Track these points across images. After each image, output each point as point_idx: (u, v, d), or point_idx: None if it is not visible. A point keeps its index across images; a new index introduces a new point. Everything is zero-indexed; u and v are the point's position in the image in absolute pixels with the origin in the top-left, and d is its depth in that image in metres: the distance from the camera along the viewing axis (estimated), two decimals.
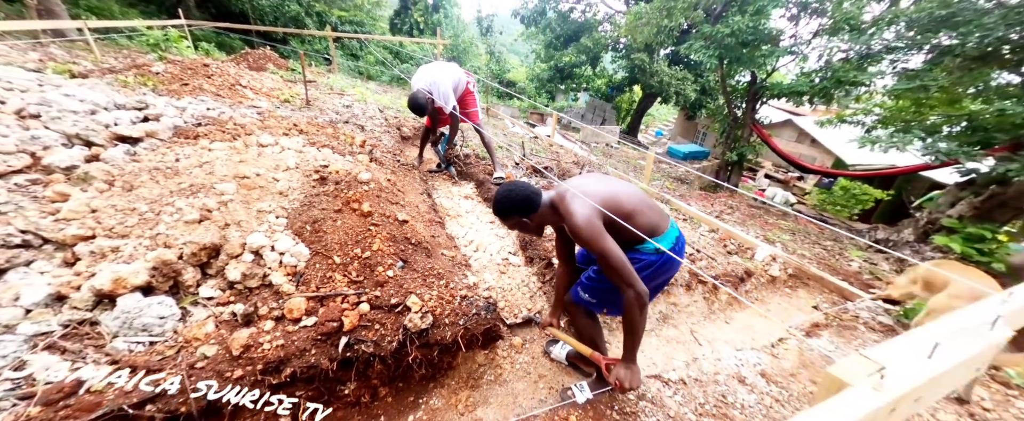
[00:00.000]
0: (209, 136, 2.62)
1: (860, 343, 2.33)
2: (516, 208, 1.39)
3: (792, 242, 4.03)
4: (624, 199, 1.34)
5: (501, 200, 1.41)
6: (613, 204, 1.31)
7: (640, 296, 1.22)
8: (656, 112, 25.45)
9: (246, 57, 6.99)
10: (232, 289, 1.55)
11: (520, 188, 1.40)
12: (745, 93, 8.32)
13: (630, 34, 9.23)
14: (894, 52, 5.64)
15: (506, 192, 1.40)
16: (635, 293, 1.22)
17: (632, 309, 1.25)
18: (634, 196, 1.39)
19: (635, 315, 1.26)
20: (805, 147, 13.65)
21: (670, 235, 1.41)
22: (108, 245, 1.52)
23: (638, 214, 1.35)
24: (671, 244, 1.40)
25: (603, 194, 1.33)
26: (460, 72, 3.34)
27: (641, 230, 1.33)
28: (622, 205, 1.32)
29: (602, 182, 1.43)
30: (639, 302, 1.23)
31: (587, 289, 1.56)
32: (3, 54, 4.23)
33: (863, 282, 3.19)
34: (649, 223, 1.36)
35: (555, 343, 1.96)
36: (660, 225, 1.39)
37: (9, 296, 1.29)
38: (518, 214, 1.40)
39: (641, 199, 1.40)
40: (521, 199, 1.38)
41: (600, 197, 1.31)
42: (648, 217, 1.37)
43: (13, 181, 1.79)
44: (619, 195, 1.35)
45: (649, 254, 1.39)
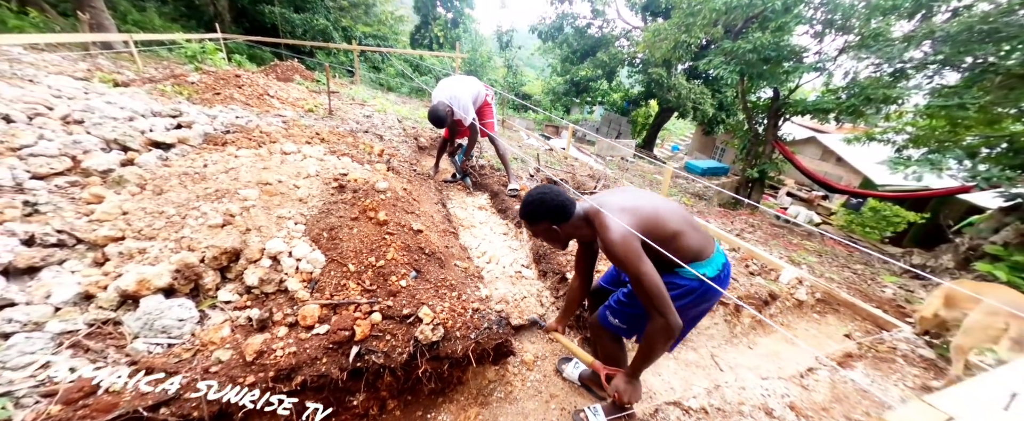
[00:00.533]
0: (236, 143, 2.72)
1: (899, 378, 2.17)
2: (548, 214, 1.28)
3: (819, 264, 3.85)
4: (668, 218, 1.23)
5: (533, 203, 1.29)
6: (655, 223, 1.20)
7: (670, 328, 1.12)
8: (672, 126, 25.20)
9: (275, 68, 7.32)
10: (249, 294, 1.57)
11: (554, 193, 1.29)
12: (767, 109, 8.16)
13: (648, 49, 9.25)
14: (926, 68, 5.43)
15: (539, 196, 1.29)
16: (666, 324, 1.12)
17: (656, 337, 1.16)
18: (677, 215, 1.27)
19: (657, 344, 1.17)
20: (830, 165, 13.20)
21: (715, 262, 1.28)
22: (136, 246, 1.57)
23: (682, 236, 1.22)
24: (715, 272, 1.26)
25: (645, 212, 1.21)
26: (479, 85, 3.39)
27: (684, 254, 1.21)
28: (666, 224, 1.21)
29: (643, 197, 1.31)
30: (667, 334, 1.14)
31: (617, 313, 1.43)
32: (56, 64, 4.54)
33: (899, 310, 3.00)
34: (693, 246, 1.24)
35: (568, 361, 1.90)
36: (705, 249, 1.26)
37: (41, 294, 1.34)
38: (549, 221, 1.30)
39: (685, 219, 1.28)
40: (555, 205, 1.27)
41: (642, 214, 1.20)
42: (692, 239, 1.25)
43: (54, 183, 1.88)
44: (662, 213, 1.23)
45: (689, 280, 1.25)
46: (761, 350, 2.42)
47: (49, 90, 2.87)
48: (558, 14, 14.60)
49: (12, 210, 1.60)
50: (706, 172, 14.85)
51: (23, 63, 4.04)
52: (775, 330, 2.55)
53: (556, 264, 2.50)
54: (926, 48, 5.28)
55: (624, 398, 1.30)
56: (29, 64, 4.09)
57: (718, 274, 1.27)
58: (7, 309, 1.26)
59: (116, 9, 8.77)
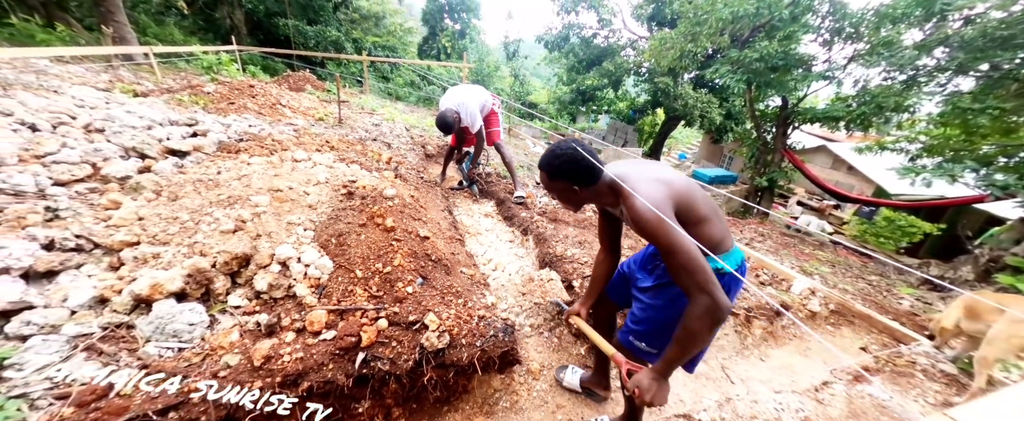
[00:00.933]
0: (249, 151, 2.78)
1: (920, 393, 2.09)
2: (573, 174, 1.14)
3: (832, 275, 3.76)
4: (699, 201, 1.11)
5: (561, 158, 1.13)
6: (689, 202, 1.08)
7: (718, 308, 0.92)
8: (679, 135, 25.14)
9: (287, 79, 7.51)
10: (258, 299, 1.59)
11: (585, 153, 1.12)
12: (775, 118, 8.10)
13: (654, 59, 9.28)
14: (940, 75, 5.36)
15: (569, 151, 1.13)
16: (712, 303, 0.92)
17: (700, 322, 0.95)
18: (707, 200, 1.15)
19: (702, 329, 0.96)
20: (841, 174, 13.00)
21: (736, 255, 1.18)
22: (150, 251, 1.61)
23: (709, 223, 1.11)
24: (736, 265, 1.16)
25: (679, 187, 1.08)
26: (486, 94, 3.44)
27: (710, 242, 1.09)
28: (698, 207, 1.09)
29: (674, 173, 1.18)
30: (713, 316, 0.94)
31: (642, 335, 1.25)
32: (79, 75, 4.72)
33: (917, 323, 2.91)
34: (717, 236, 1.12)
35: (565, 368, 1.87)
36: (726, 240, 1.16)
37: (59, 297, 1.37)
38: (568, 180, 1.15)
39: (712, 206, 1.16)
40: (583, 167, 1.12)
41: (677, 189, 1.08)
42: (718, 229, 1.13)
43: (74, 189, 1.94)
44: (695, 194, 1.11)
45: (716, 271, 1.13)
46: (773, 362, 2.36)
47: (73, 100, 2.98)
48: (564, 24, 14.78)
49: (34, 215, 1.65)
50: (714, 180, 14.73)
51: (49, 75, 4.20)
52: (788, 342, 2.49)
53: (563, 272, 2.48)
54: (939, 55, 5.22)
55: (647, 397, 1.06)
56: (54, 75, 4.25)
57: (738, 268, 1.17)
58: (26, 312, 1.29)
59: (137, 23, 9.12)
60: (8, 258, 1.40)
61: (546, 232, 2.94)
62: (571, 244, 2.75)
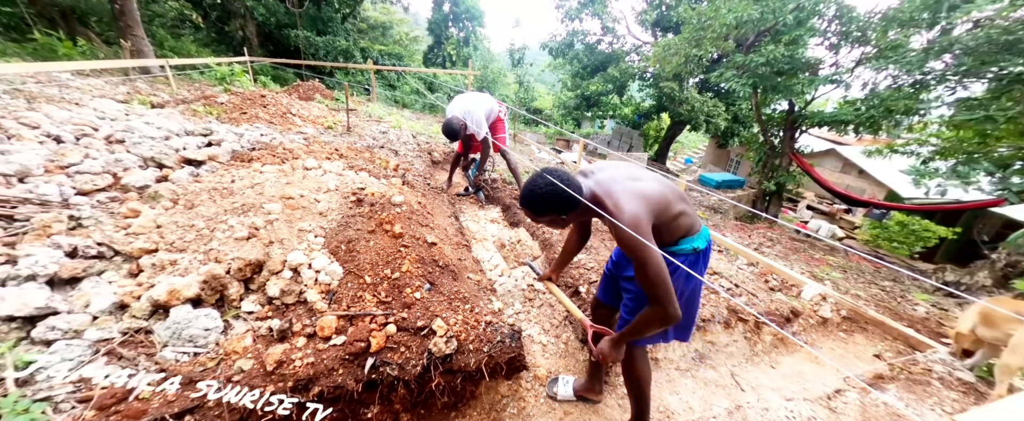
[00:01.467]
0: (261, 159, 2.85)
1: (936, 402, 2.05)
2: (556, 205, 1.21)
3: (844, 280, 3.71)
4: (672, 199, 1.25)
5: (540, 197, 1.20)
6: (664, 207, 1.22)
7: (668, 317, 1.14)
8: (685, 139, 25.04)
9: (297, 88, 7.67)
10: (271, 304, 1.62)
11: (561, 185, 1.19)
12: (782, 122, 8.04)
13: (658, 64, 9.31)
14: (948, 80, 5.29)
15: (547, 189, 1.19)
16: (665, 313, 1.14)
17: (651, 322, 1.18)
18: (677, 194, 1.30)
19: (650, 327, 1.20)
20: (852, 178, 12.81)
21: (705, 234, 1.35)
22: (168, 258, 1.65)
23: (683, 214, 1.28)
24: (705, 242, 1.33)
25: (655, 198, 1.21)
26: (492, 101, 3.49)
27: (684, 230, 1.28)
28: (671, 206, 1.24)
29: (645, 180, 1.29)
30: (662, 322, 1.17)
31: (631, 310, 1.42)
32: (99, 88, 4.89)
33: (932, 330, 2.85)
34: (689, 222, 1.30)
35: (556, 382, 1.86)
36: (696, 223, 1.33)
37: (81, 303, 1.42)
38: (556, 212, 1.23)
39: (681, 196, 1.32)
40: (561, 201, 1.19)
41: (652, 200, 1.20)
42: (689, 217, 1.30)
43: (96, 198, 2.01)
44: (668, 195, 1.26)
45: (687, 254, 1.30)
46: (785, 369, 2.33)
47: (94, 112, 3.09)
48: (569, 31, 14.91)
49: (59, 224, 1.72)
50: (721, 185, 14.60)
51: (71, 87, 4.36)
52: (799, 349, 2.45)
53: (570, 278, 2.49)
54: (947, 59, 5.16)
55: (608, 359, 1.34)
56: (76, 88, 4.41)
57: (707, 245, 1.34)
58: (51, 317, 1.34)
59: (154, 37, 9.42)
60: (35, 265, 1.45)
61: (552, 237, 2.95)
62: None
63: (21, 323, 1.31)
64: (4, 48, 6.64)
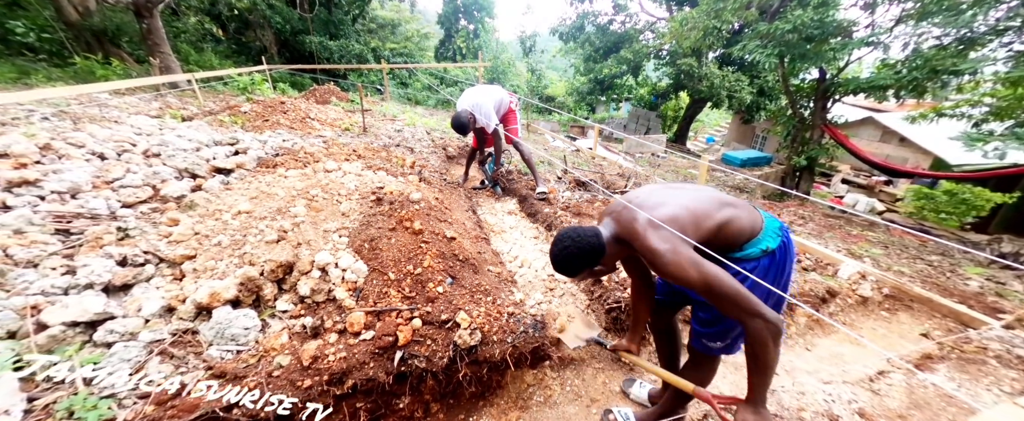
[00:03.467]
0: (285, 165, 2.96)
1: (993, 381, 1.91)
2: (583, 261, 1.14)
3: (885, 257, 3.50)
4: (708, 209, 1.10)
5: (564, 259, 1.15)
6: (699, 219, 1.08)
7: (772, 326, 0.94)
8: (705, 118, 24.04)
9: (314, 93, 7.87)
10: (303, 303, 1.70)
11: (577, 238, 1.13)
12: (812, 91, 7.57)
13: (675, 40, 8.92)
14: (1004, 33, 4.79)
15: (564, 249, 1.14)
16: (764, 324, 0.94)
17: (764, 343, 0.95)
18: (714, 201, 1.14)
19: (769, 349, 0.95)
20: (892, 147, 11.96)
21: (770, 229, 1.14)
22: (207, 263, 1.76)
23: (730, 222, 1.10)
24: (777, 239, 1.12)
25: (683, 213, 1.07)
26: (503, 93, 3.46)
27: (739, 238, 1.11)
28: (709, 218, 1.09)
29: (671, 194, 1.17)
30: (772, 333, 0.94)
31: (712, 336, 1.25)
32: (134, 105, 5.19)
33: (988, 305, 2.65)
34: (744, 227, 1.11)
35: (633, 382, 1.81)
36: (756, 222, 1.14)
37: (134, 308, 1.54)
38: (588, 266, 1.17)
39: (722, 201, 1.15)
40: (586, 251, 1.13)
41: (682, 218, 1.06)
42: (741, 220, 1.12)
43: (140, 210, 2.16)
44: (701, 205, 1.11)
45: (757, 258, 1.12)
46: (821, 352, 2.24)
47: (131, 129, 3.29)
48: (578, 14, 14.49)
49: (109, 235, 1.85)
50: (746, 163, 13.98)
51: (109, 106, 4.65)
52: (835, 330, 2.35)
53: None
54: (1003, 10, 4.66)
55: None
56: (114, 107, 4.70)
57: (781, 241, 1.13)
58: (109, 322, 1.46)
59: (179, 52, 9.87)
60: (91, 274, 1.58)
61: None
62: None
63: (83, 328, 1.43)
64: (49, 73, 7.13)
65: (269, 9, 12.20)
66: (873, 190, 11.43)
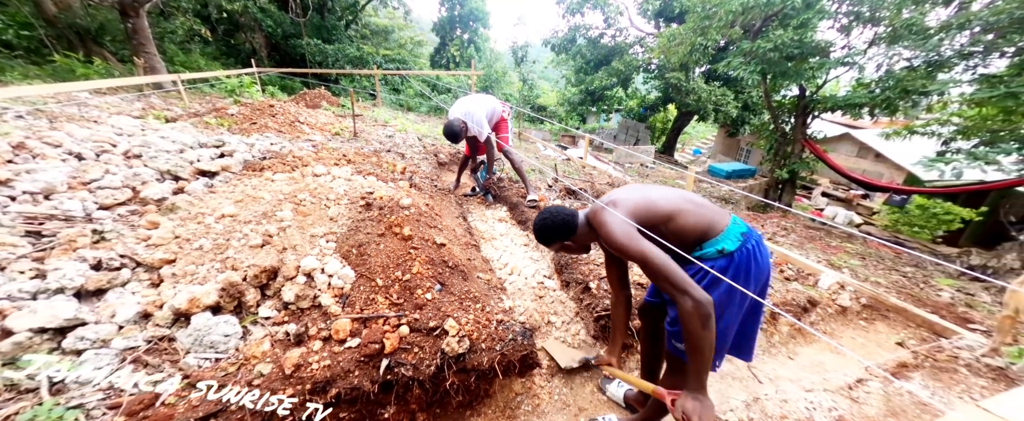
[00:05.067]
0: (272, 168, 2.91)
1: (964, 389, 1.98)
2: (556, 233, 1.39)
3: (863, 268, 3.61)
4: (660, 200, 1.23)
5: (540, 228, 1.41)
6: (647, 207, 1.21)
7: (699, 304, 0.99)
8: (693, 130, 24.68)
9: (304, 96, 7.79)
10: (287, 309, 1.66)
11: (555, 213, 1.40)
12: (793, 107, 7.87)
13: (663, 55, 9.18)
14: (969, 57, 5.10)
15: (542, 220, 1.41)
16: (692, 301, 0.99)
17: (691, 321, 1.00)
18: (673, 196, 1.25)
19: (696, 329, 1.00)
20: (868, 162, 12.45)
21: (732, 232, 1.16)
22: (187, 268, 1.70)
23: (680, 214, 1.18)
24: (736, 242, 1.14)
25: (635, 199, 1.24)
26: (495, 102, 3.49)
27: (687, 232, 1.16)
28: (658, 207, 1.20)
29: (638, 189, 1.33)
30: (698, 311, 0.99)
31: (680, 335, 1.27)
32: (116, 105, 5.05)
33: (959, 315, 2.76)
34: (700, 223, 1.16)
35: (610, 380, 1.85)
36: (715, 223, 1.16)
37: (107, 313, 1.48)
38: (559, 239, 1.40)
39: (683, 197, 1.24)
40: (559, 224, 1.37)
41: (632, 202, 1.22)
42: (695, 215, 1.17)
43: (117, 212, 2.08)
44: (654, 197, 1.24)
45: (711, 258, 1.16)
46: (803, 360, 2.28)
47: (112, 129, 3.20)
48: (570, 26, 14.81)
49: (83, 238, 1.78)
50: (731, 175, 14.35)
51: (89, 106, 4.52)
52: (817, 339, 2.40)
53: (579, 274, 2.48)
54: (966, 36, 4.97)
55: (695, 418, 1.10)
56: (94, 106, 4.57)
57: (741, 245, 1.14)
58: (80, 328, 1.39)
59: (165, 53, 9.68)
60: (63, 278, 1.52)
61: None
62: None
63: (52, 334, 1.37)
64: (26, 71, 6.90)
65: (260, 12, 12.11)
66: (851, 203, 11.85)
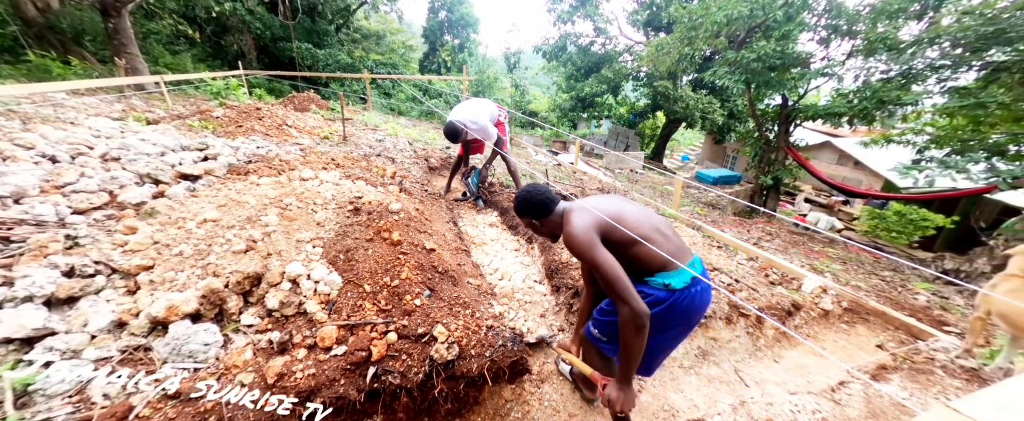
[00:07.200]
0: (258, 172, 2.85)
1: (940, 391, 2.04)
2: (530, 209, 1.44)
3: (844, 272, 3.71)
4: (631, 221, 1.25)
5: (521, 198, 1.46)
6: (612, 225, 1.23)
7: (637, 315, 1.11)
8: (681, 137, 25.16)
9: (292, 100, 7.69)
10: (270, 316, 1.61)
11: (539, 192, 1.43)
12: (776, 116, 8.09)
13: (652, 64, 9.37)
14: (940, 70, 5.34)
15: (526, 192, 1.45)
16: (630, 311, 1.11)
17: (627, 328, 1.14)
18: (645, 220, 1.28)
19: (630, 335, 1.14)
20: (848, 169, 12.85)
21: (685, 274, 1.23)
22: (166, 275, 1.65)
23: (648, 242, 1.23)
24: (684, 283, 1.22)
25: (605, 211, 1.27)
26: (494, 107, 3.54)
27: (646, 261, 1.23)
28: (629, 228, 1.23)
29: (614, 202, 1.38)
30: (635, 322, 1.12)
31: (598, 324, 1.44)
32: (94, 106, 4.90)
33: (934, 318, 2.85)
34: (659, 256, 1.22)
35: (563, 360, 1.92)
36: (674, 258, 1.23)
37: (79, 322, 1.41)
38: (531, 215, 1.45)
39: (654, 227, 1.28)
40: (537, 203, 1.42)
41: (601, 213, 1.26)
42: (660, 246, 1.23)
43: (93, 216, 2.01)
44: (627, 216, 1.27)
45: (657, 289, 1.24)
46: (788, 364, 2.32)
47: (89, 131, 3.09)
48: (561, 34, 15.01)
49: (55, 243, 1.71)
50: (718, 181, 14.63)
51: (66, 107, 4.37)
52: (801, 342, 2.45)
53: (569, 279, 2.49)
54: (936, 51, 5.21)
55: (616, 406, 1.27)
56: (71, 108, 4.42)
57: (686, 288, 1.22)
58: (49, 338, 1.33)
59: (149, 53, 9.45)
60: (31, 286, 1.45)
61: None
62: None
63: (19, 345, 1.30)
64: None
65: (249, 15, 11.95)
66: (833, 209, 12.19)
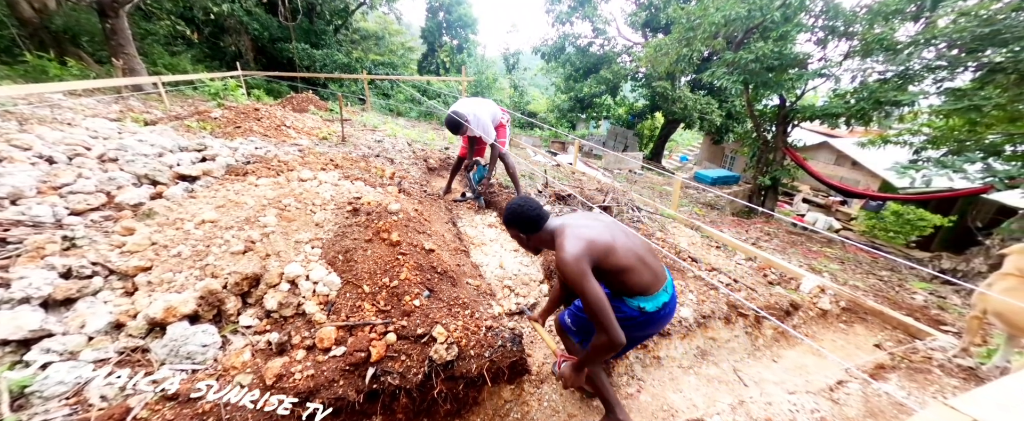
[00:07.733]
0: (256, 173, 2.84)
1: (937, 390, 2.05)
2: (519, 222, 1.46)
3: (842, 272, 3.72)
4: (621, 254, 1.34)
5: (511, 209, 1.49)
6: (605, 256, 1.31)
7: (612, 344, 1.23)
8: (680, 137, 25.21)
9: (291, 100, 7.68)
10: (269, 317, 1.61)
11: (530, 207, 1.46)
12: (774, 116, 8.12)
13: (650, 64, 9.39)
14: (936, 71, 5.37)
15: (518, 205, 1.48)
16: (608, 340, 1.23)
17: (599, 350, 1.28)
18: (631, 251, 1.38)
19: (601, 352, 1.28)
20: (846, 170, 12.90)
21: (659, 299, 1.40)
22: (164, 276, 1.64)
23: (632, 272, 1.35)
24: (656, 307, 1.39)
25: (600, 244, 1.32)
26: (496, 107, 3.54)
27: (631, 287, 1.36)
28: (617, 260, 1.33)
29: (606, 228, 1.42)
30: (609, 347, 1.25)
31: (571, 315, 1.62)
32: (91, 107, 4.88)
33: (932, 317, 2.86)
34: (641, 282, 1.37)
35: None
36: (653, 285, 1.39)
37: (77, 324, 1.41)
38: (519, 228, 1.47)
39: (638, 256, 1.39)
40: (528, 217, 1.44)
41: (597, 246, 1.31)
42: (642, 276, 1.37)
43: (90, 218, 2.00)
44: (618, 248, 1.35)
45: (632, 309, 1.39)
46: (786, 363, 2.32)
47: (87, 132, 3.08)
48: (560, 35, 15.03)
49: (52, 245, 1.70)
50: (716, 181, 14.66)
51: (63, 108, 4.35)
52: (800, 342, 2.45)
53: None
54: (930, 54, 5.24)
55: (567, 383, 1.44)
56: (68, 109, 4.40)
57: (657, 310, 1.41)
58: (45, 340, 1.33)
59: (147, 54, 9.42)
60: (28, 288, 1.44)
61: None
62: None
63: (16, 346, 1.29)
64: None
65: (247, 15, 11.94)
66: (830, 209, 12.23)
